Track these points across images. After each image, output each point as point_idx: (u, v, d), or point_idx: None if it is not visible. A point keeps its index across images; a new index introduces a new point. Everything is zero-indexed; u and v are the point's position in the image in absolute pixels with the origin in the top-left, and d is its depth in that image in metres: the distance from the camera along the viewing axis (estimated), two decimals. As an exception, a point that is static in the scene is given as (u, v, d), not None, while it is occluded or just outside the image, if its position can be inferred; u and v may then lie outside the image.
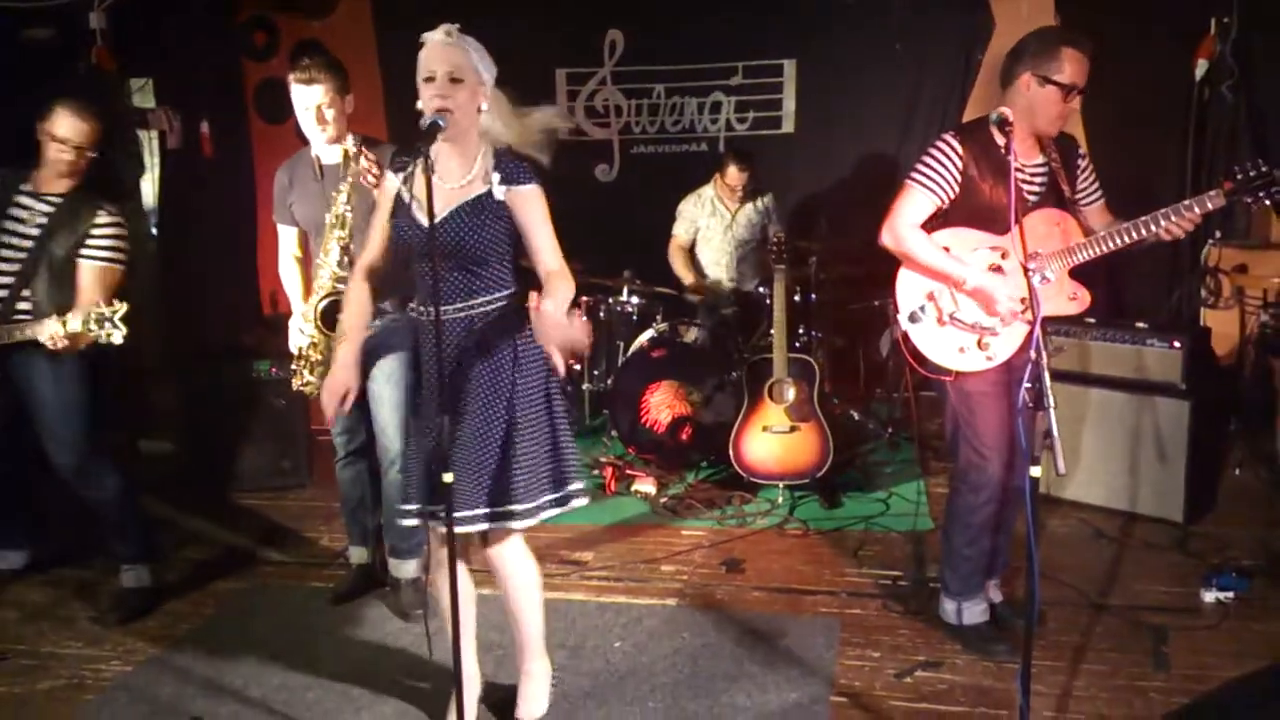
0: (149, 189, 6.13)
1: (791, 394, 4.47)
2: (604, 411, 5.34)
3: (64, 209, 3.33)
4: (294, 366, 3.33)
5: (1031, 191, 2.93)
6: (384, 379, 3.26)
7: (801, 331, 5.10)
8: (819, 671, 3.04)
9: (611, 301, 5.42)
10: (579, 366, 5.40)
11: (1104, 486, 4.11)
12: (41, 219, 3.32)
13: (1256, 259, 4.90)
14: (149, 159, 6.08)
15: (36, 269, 3.30)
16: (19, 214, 3.33)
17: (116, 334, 3.03)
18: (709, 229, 5.48)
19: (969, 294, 2.90)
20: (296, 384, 3.34)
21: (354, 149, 3.18)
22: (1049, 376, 2.26)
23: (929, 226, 2.94)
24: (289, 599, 3.71)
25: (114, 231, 3.37)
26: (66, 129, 3.30)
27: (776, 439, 4.47)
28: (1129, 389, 4.01)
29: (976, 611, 3.16)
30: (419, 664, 3.12)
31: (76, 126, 3.31)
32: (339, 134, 3.21)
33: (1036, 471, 2.29)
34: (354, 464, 3.53)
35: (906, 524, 4.12)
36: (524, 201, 2.50)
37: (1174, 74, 5.15)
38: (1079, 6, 5.22)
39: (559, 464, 2.59)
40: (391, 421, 3.28)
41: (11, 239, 3.31)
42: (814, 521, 4.25)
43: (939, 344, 2.95)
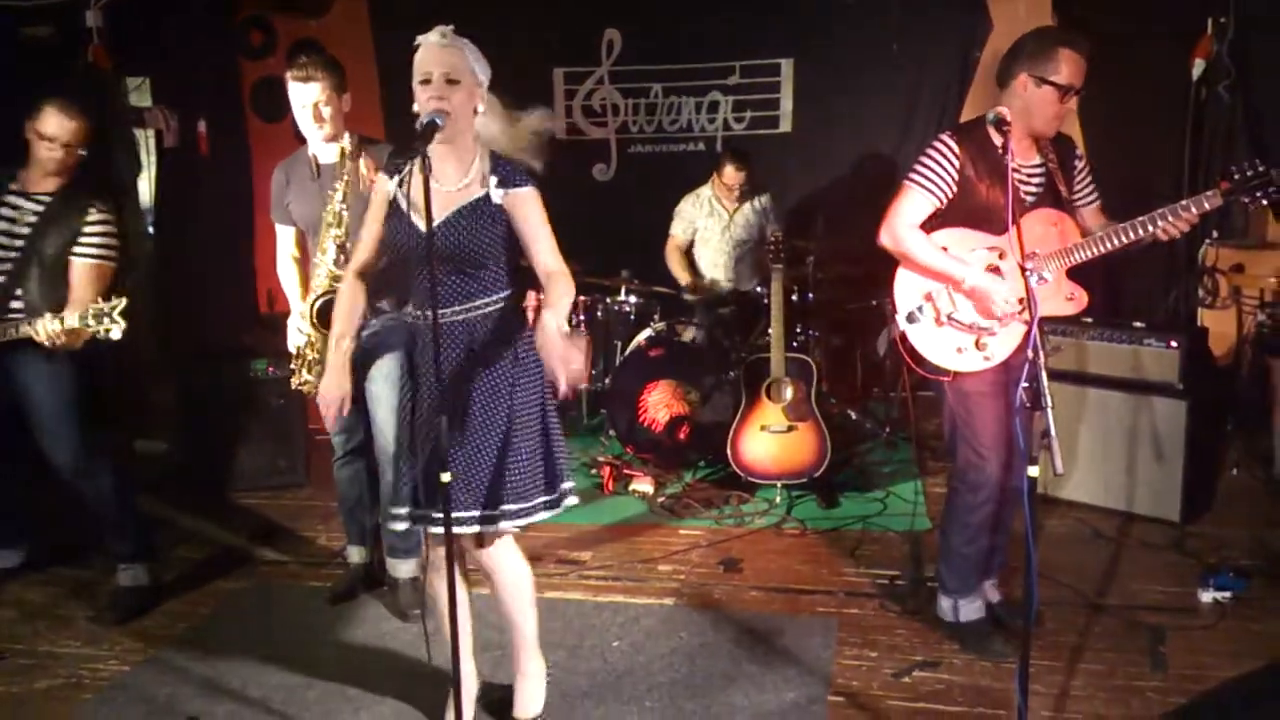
0: (146, 188, 6.11)
1: (789, 393, 4.47)
2: (602, 411, 5.34)
3: (54, 207, 3.33)
4: (292, 365, 3.34)
5: (1029, 192, 2.93)
6: (382, 379, 3.25)
7: (799, 331, 5.10)
8: (816, 671, 3.05)
9: (609, 301, 5.43)
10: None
11: (1101, 486, 4.11)
12: (32, 218, 3.32)
13: (1253, 259, 4.90)
14: (146, 158, 6.07)
15: (28, 268, 3.30)
16: (8, 214, 3.33)
17: (115, 329, 3.03)
18: (707, 229, 5.48)
19: (967, 294, 2.91)
20: (295, 382, 3.35)
21: (350, 147, 3.19)
22: (1046, 376, 2.27)
23: (927, 227, 2.94)
24: (287, 598, 3.71)
25: (105, 229, 3.37)
26: (55, 127, 3.30)
27: (774, 438, 4.47)
28: (1126, 389, 4.01)
29: (973, 609, 3.17)
30: (417, 664, 3.12)
31: (65, 124, 3.31)
32: (336, 132, 3.21)
33: (1034, 471, 2.29)
34: (352, 463, 3.53)
35: (904, 524, 4.12)
36: (521, 203, 2.50)
37: (1171, 74, 5.15)
38: (1076, 7, 5.22)
39: (551, 464, 2.60)
40: (389, 421, 3.26)
41: (1, 239, 3.31)
42: (811, 521, 4.25)
43: (937, 344, 2.95)
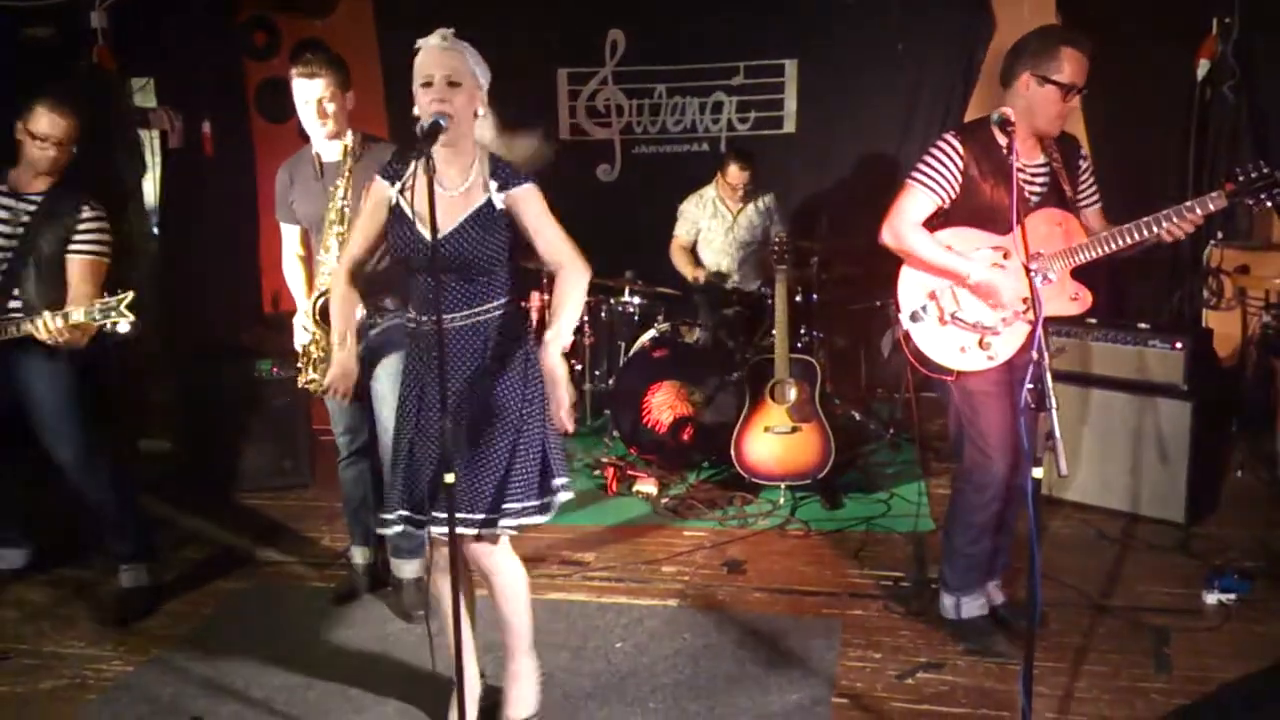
0: (150, 188, 6.12)
1: (793, 394, 4.47)
2: (605, 412, 5.34)
3: (46, 206, 3.35)
4: (299, 364, 3.33)
5: (1033, 191, 2.92)
6: (387, 378, 3.25)
7: (803, 332, 5.10)
8: (820, 672, 3.04)
9: (613, 302, 5.43)
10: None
11: (1106, 487, 4.11)
12: (25, 218, 3.33)
13: (1258, 260, 4.89)
14: (150, 158, 6.06)
15: (24, 268, 3.31)
16: (1, 215, 3.33)
17: (123, 322, 3.04)
18: (710, 230, 5.47)
19: (972, 289, 2.90)
20: (301, 381, 3.34)
21: (353, 145, 3.19)
22: (1051, 377, 2.26)
23: (930, 227, 2.94)
24: (290, 599, 3.71)
25: (98, 225, 3.39)
26: (47, 125, 3.31)
27: (778, 439, 4.46)
28: (1131, 390, 4.00)
29: (975, 606, 3.17)
30: (420, 664, 3.11)
31: (57, 123, 3.32)
32: (339, 129, 3.22)
33: (1039, 473, 2.29)
34: (356, 463, 3.53)
35: (908, 525, 4.12)
36: (523, 201, 2.50)
37: (1175, 74, 5.14)
38: (1080, 6, 5.21)
39: (548, 465, 2.60)
40: (394, 421, 3.27)
41: None
42: (815, 522, 4.24)
43: (940, 343, 2.95)
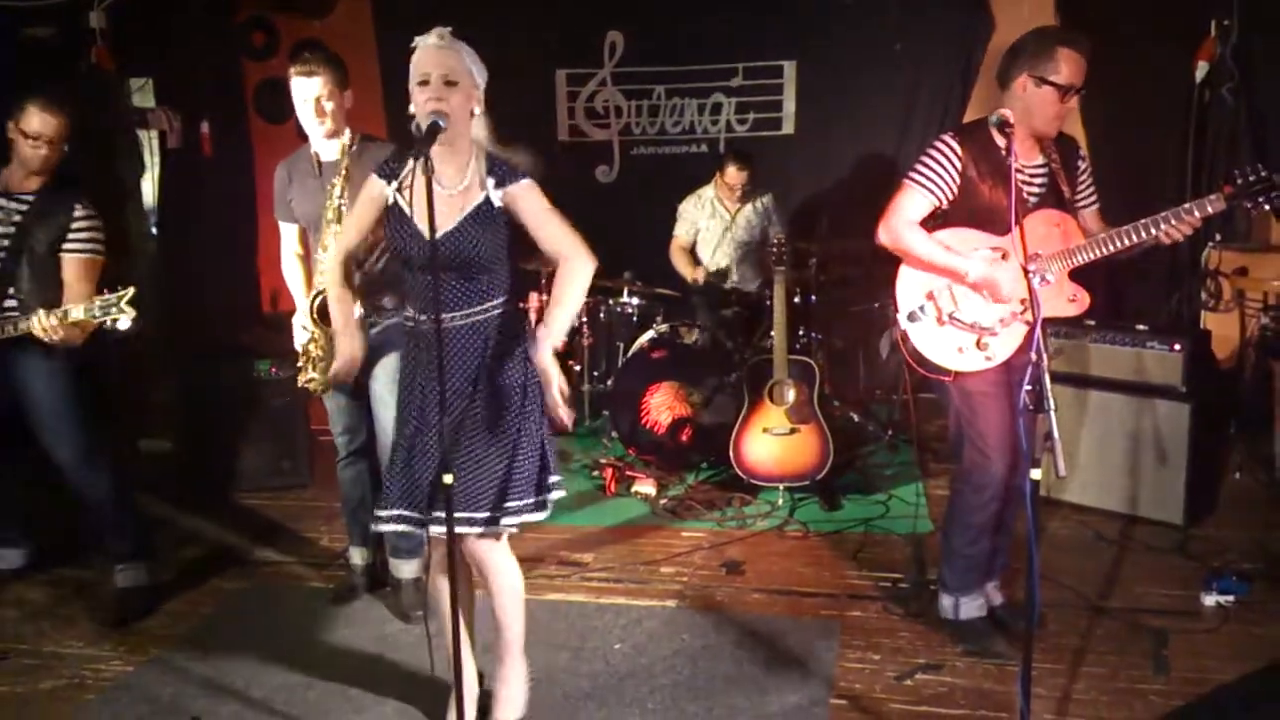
0: (149, 188, 6.12)
1: (791, 395, 4.47)
2: (604, 413, 5.34)
3: (39, 206, 3.35)
4: (299, 364, 3.33)
5: (1031, 192, 2.93)
6: (385, 379, 3.25)
7: (801, 333, 5.10)
8: (819, 674, 3.04)
9: (612, 303, 5.43)
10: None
11: (1104, 489, 4.11)
12: (17, 217, 3.33)
13: (1257, 262, 4.90)
14: (149, 159, 6.07)
15: (19, 267, 3.32)
16: None
17: (124, 318, 3.05)
18: (709, 230, 5.48)
19: (972, 286, 2.90)
20: (301, 380, 3.34)
21: (350, 143, 3.19)
22: (1049, 379, 2.26)
23: (927, 228, 2.94)
24: (289, 599, 3.71)
25: (92, 223, 3.40)
26: (39, 124, 3.32)
27: (776, 441, 4.47)
28: (1129, 391, 4.01)
29: (973, 606, 3.17)
30: (419, 665, 3.11)
31: (48, 121, 3.33)
32: (337, 128, 3.22)
33: (1037, 474, 2.29)
34: (355, 464, 3.53)
35: (906, 526, 4.12)
36: (521, 198, 2.50)
37: (1174, 76, 5.14)
38: (1079, 7, 5.22)
39: (546, 462, 2.60)
40: (393, 422, 3.27)
41: None
42: (814, 523, 4.25)
43: (938, 344, 2.95)
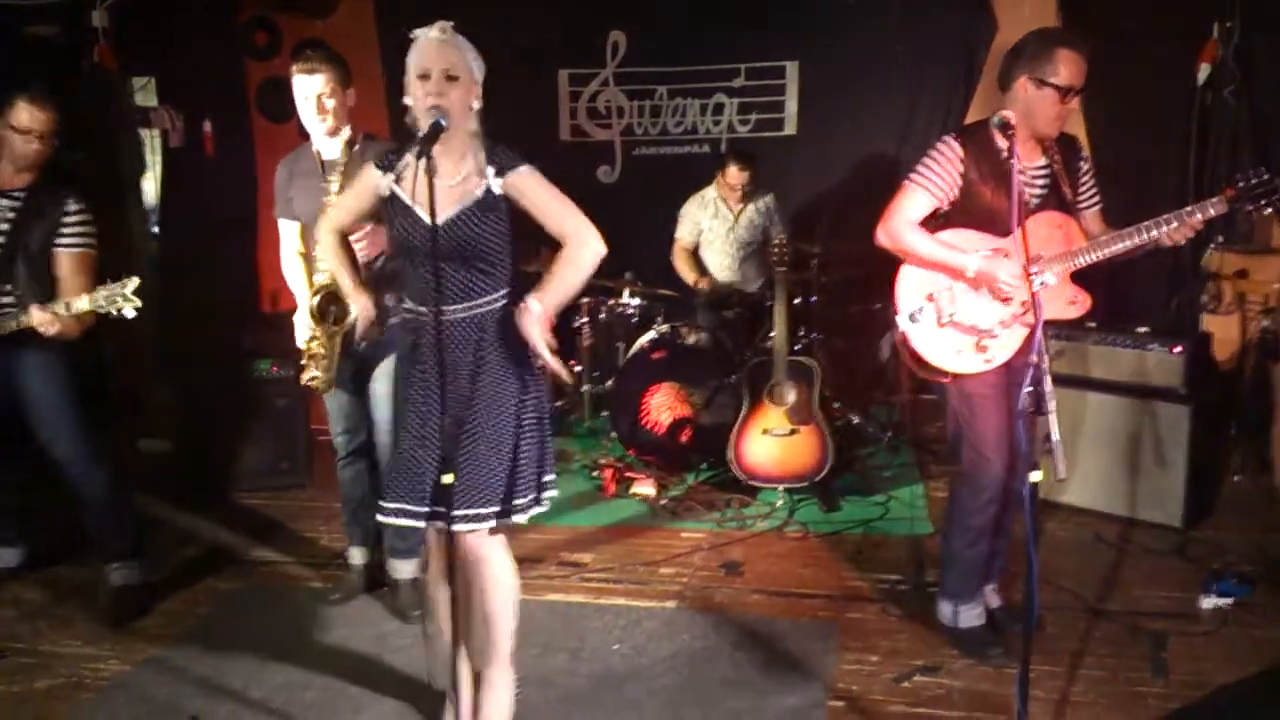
0: (150, 187, 6.12)
1: (791, 397, 4.46)
2: (604, 413, 5.34)
3: (30, 202, 3.36)
4: (302, 362, 3.33)
5: (1033, 194, 2.92)
6: (385, 378, 3.26)
7: (802, 334, 5.10)
8: (817, 675, 3.04)
9: (612, 303, 5.43)
10: (578, 368, 5.40)
11: (1103, 491, 4.10)
12: (9, 214, 3.34)
13: (1257, 264, 4.89)
14: (151, 158, 6.07)
15: (13, 263, 3.32)
16: None
17: (128, 308, 3.06)
18: (711, 231, 5.47)
19: (972, 282, 2.89)
20: (303, 378, 3.33)
21: (351, 141, 3.20)
22: (1050, 381, 2.26)
23: (928, 230, 2.93)
24: (288, 599, 3.71)
25: (85, 218, 3.41)
26: (28, 119, 3.32)
27: (776, 442, 4.46)
28: (1129, 393, 4.00)
29: (972, 615, 3.16)
30: (417, 665, 3.11)
31: (37, 115, 3.33)
32: (338, 125, 3.22)
33: (1036, 476, 2.29)
34: (355, 463, 3.53)
35: (905, 528, 4.12)
36: (522, 183, 2.49)
37: (1176, 78, 5.13)
38: (1081, 7, 5.21)
39: (544, 458, 2.60)
40: (392, 421, 3.27)
41: None
42: (813, 524, 4.24)
43: (937, 345, 2.95)
